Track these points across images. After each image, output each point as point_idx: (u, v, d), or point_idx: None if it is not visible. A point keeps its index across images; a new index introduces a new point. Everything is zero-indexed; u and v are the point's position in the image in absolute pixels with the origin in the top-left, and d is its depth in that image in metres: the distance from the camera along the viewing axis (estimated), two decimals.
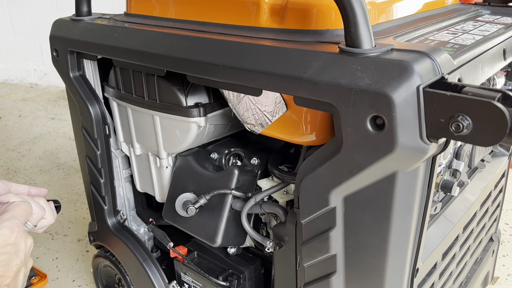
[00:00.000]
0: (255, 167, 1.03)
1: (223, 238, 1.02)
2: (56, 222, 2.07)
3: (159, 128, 1.07)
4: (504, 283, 1.62)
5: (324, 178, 0.76)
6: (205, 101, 1.02)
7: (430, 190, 0.75)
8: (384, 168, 0.69)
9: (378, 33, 0.83)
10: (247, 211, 0.99)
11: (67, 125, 3.13)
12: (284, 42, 0.79)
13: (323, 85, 0.69)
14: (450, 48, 0.77)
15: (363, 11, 0.67)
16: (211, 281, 1.08)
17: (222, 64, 0.81)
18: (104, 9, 1.28)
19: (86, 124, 1.20)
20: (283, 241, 0.94)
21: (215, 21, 0.94)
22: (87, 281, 1.66)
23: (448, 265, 1.02)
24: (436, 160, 0.73)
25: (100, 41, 1.03)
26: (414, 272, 0.82)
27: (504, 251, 1.78)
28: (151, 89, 1.03)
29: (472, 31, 0.93)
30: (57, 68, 1.20)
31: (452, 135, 0.61)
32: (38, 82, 4.16)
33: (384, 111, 0.64)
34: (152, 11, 1.06)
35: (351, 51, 0.68)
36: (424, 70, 0.64)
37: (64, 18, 1.17)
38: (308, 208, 0.81)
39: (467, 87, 0.61)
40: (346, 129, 0.69)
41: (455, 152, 0.98)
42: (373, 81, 0.64)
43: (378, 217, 0.74)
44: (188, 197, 1.03)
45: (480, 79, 0.79)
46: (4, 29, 4.10)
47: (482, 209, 1.16)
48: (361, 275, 0.82)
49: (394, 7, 0.92)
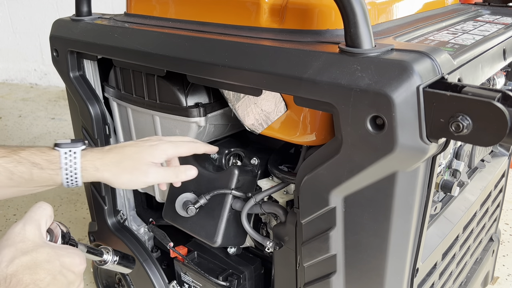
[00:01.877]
0: (255, 167, 1.03)
1: (223, 238, 1.02)
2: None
3: (159, 128, 1.07)
4: (504, 283, 1.62)
5: (324, 178, 0.76)
6: (205, 101, 1.02)
7: (430, 190, 0.75)
8: (384, 168, 0.69)
9: (378, 33, 0.83)
10: (247, 211, 0.98)
11: (67, 125, 3.13)
12: (284, 42, 0.79)
13: (323, 85, 0.69)
14: (450, 48, 0.78)
15: (363, 11, 0.67)
16: (211, 281, 1.08)
17: (222, 64, 0.81)
18: (104, 9, 1.28)
19: (86, 124, 1.20)
20: (283, 241, 0.94)
21: (215, 21, 0.94)
22: (87, 281, 1.66)
23: (448, 265, 1.02)
24: (436, 160, 0.73)
25: (100, 41, 1.03)
26: (414, 272, 0.82)
27: (504, 251, 1.78)
28: (151, 89, 1.03)
29: (472, 31, 0.93)
30: (57, 68, 1.20)
31: (452, 135, 0.61)
32: (38, 82, 4.16)
33: (384, 111, 0.64)
34: (152, 11, 1.06)
35: (351, 51, 0.68)
36: (424, 70, 0.64)
37: (64, 18, 1.17)
38: (308, 208, 0.81)
39: (467, 87, 0.61)
40: (346, 129, 0.69)
41: (455, 152, 0.98)
42: (373, 81, 0.64)
43: (378, 217, 0.74)
44: (188, 197, 1.03)
45: (480, 79, 0.79)
46: (4, 29, 4.10)
47: (482, 209, 1.16)
48: (361, 275, 0.82)
49: (394, 7, 0.92)
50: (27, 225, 0.69)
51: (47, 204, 0.75)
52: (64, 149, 0.86)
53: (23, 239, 0.67)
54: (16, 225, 0.70)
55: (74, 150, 0.86)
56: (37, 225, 0.71)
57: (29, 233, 0.69)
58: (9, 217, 2.12)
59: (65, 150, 0.86)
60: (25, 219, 0.71)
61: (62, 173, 0.86)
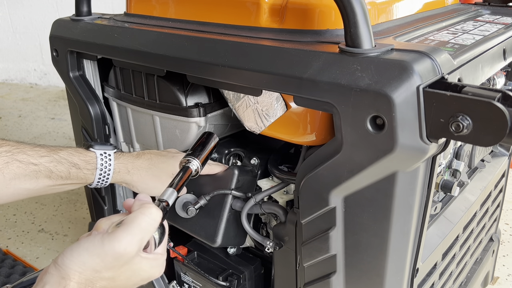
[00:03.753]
0: (255, 167, 1.03)
1: (223, 238, 1.02)
2: (56, 222, 2.08)
3: (159, 128, 1.07)
4: (504, 283, 1.62)
5: (324, 178, 0.76)
6: (205, 101, 1.02)
7: (430, 190, 0.75)
8: (384, 168, 0.69)
9: (378, 33, 0.83)
10: (247, 211, 0.98)
11: (67, 125, 3.13)
12: (284, 42, 0.79)
13: (323, 85, 0.69)
14: (450, 48, 0.77)
15: (363, 11, 0.67)
16: (211, 281, 1.08)
17: (222, 64, 0.81)
18: (104, 9, 1.28)
19: (86, 124, 1.20)
20: (283, 241, 0.94)
21: (215, 21, 0.94)
22: None
23: (448, 265, 1.02)
24: (436, 160, 0.73)
25: (100, 41, 1.03)
26: (414, 272, 0.82)
27: (504, 251, 1.78)
28: (151, 89, 1.03)
29: (472, 31, 0.93)
30: (57, 68, 1.20)
31: (452, 135, 0.61)
32: (38, 82, 4.16)
33: (384, 111, 0.64)
34: (152, 11, 1.06)
35: (351, 51, 0.68)
36: (424, 70, 0.64)
37: (64, 18, 1.17)
38: (308, 208, 0.81)
39: (467, 87, 0.61)
40: (346, 129, 0.69)
41: (455, 152, 0.98)
42: (373, 81, 0.64)
43: (378, 217, 0.74)
44: (188, 198, 1.03)
45: (480, 79, 0.79)
46: (4, 29, 4.10)
47: (482, 209, 1.16)
48: (361, 275, 0.82)
49: (394, 7, 0.92)
50: (130, 246, 0.61)
51: (157, 211, 0.66)
52: (100, 150, 0.92)
53: (119, 258, 0.61)
54: (119, 240, 0.61)
55: (109, 153, 0.93)
56: (141, 242, 0.63)
57: (130, 251, 0.61)
58: (9, 217, 2.12)
59: (100, 152, 0.92)
60: (132, 234, 0.61)
61: (97, 173, 0.91)
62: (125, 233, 0.62)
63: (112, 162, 0.92)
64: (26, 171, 0.84)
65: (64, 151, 0.90)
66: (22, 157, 0.84)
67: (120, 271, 0.63)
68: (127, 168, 0.94)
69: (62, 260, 0.62)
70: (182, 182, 0.78)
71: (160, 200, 0.71)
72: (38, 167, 0.85)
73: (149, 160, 0.96)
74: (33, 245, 1.92)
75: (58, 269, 0.61)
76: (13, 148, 0.85)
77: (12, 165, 0.83)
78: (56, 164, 0.87)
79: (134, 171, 0.94)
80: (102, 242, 0.61)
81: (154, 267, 0.67)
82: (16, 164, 0.83)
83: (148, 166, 0.95)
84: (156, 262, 0.67)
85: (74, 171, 0.89)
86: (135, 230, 0.62)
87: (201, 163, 0.84)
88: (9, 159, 0.83)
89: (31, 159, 0.85)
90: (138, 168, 0.94)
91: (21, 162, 0.84)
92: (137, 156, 0.96)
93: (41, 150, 0.87)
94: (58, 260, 0.62)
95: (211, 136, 0.91)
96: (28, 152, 0.86)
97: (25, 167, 0.84)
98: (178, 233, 1.14)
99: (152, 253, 0.67)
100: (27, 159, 0.85)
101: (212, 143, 0.90)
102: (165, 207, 0.70)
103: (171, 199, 0.72)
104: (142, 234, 0.63)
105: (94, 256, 0.61)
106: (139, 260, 0.64)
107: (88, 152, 0.92)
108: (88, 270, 0.61)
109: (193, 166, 0.83)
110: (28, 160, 0.85)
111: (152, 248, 0.67)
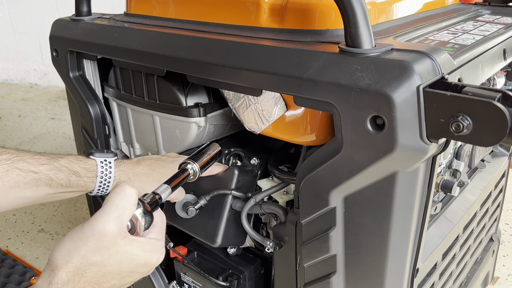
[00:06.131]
0: (255, 167, 1.03)
1: (223, 238, 1.02)
2: (56, 222, 2.07)
3: (159, 128, 1.07)
4: (504, 283, 1.62)
5: (324, 178, 0.76)
6: (205, 101, 1.02)
7: (430, 190, 0.75)
8: (384, 168, 0.69)
9: (378, 33, 0.83)
10: (247, 211, 0.98)
11: (67, 125, 3.13)
12: (284, 42, 0.79)
13: (323, 85, 0.69)
14: (450, 48, 0.77)
15: (363, 11, 0.67)
16: (211, 281, 1.08)
17: (222, 64, 0.81)
18: (104, 9, 1.28)
19: (86, 124, 1.20)
20: (283, 241, 0.94)
21: (215, 21, 0.94)
22: None
23: (448, 265, 1.02)
24: (436, 160, 0.73)
25: (100, 41, 1.03)
26: (414, 272, 0.82)
27: (504, 251, 1.78)
28: (151, 89, 1.03)
29: (472, 31, 0.93)
30: (57, 68, 1.20)
31: (452, 135, 0.61)
32: (38, 82, 4.16)
33: (384, 111, 0.64)
34: (152, 11, 1.06)
35: (351, 51, 0.68)
36: (424, 70, 0.64)
37: (64, 18, 1.17)
38: (308, 208, 0.81)
39: (467, 87, 0.61)
40: (346, 129, 0.69)
41: (455, 152, 0.98)
42: (373, 81, 0.64)
43: (378, 217, 0.74)
44: (188, 198, 1.03)
45: (480, 79, 0.79)
46: (4, 29, 4.10)
47: (482, 209, 1.16)
48: (361, 275, 0.82)
49: (394, 7, 0.92)
50: (108, 223, 0.63)
51: (131, 189, 0.67)
52: (100, 158, 0.91)
53: (100, 237, 0.62)
54: (97, 220, 0.63)
55: (109, 160, 0.92)
56: (119, 220, 0.64)
57: (108, 229, 0.62)
58: (9, 217, 2.12)
59: (100, 159, 0.91)
60: (107, 212, 0.63)
61: (97, 181, 0.91)
62: (102, 212, 0.64)
63: (112, 170, 0.92)
64: (26, 179, 0.84)
65: (64, 158, 0.89)
66: (22, 165, 0.84)
67: (108, 254, 0.63)
68: (128, 175, 0.93)
69: (51, 254, 0.64)
70: (177, 181, 0.79)
71: (154, 193, 0.72)
72: (38, 175, 0.85)
73: (149, 166, 0.95)
74: (33, 245, 1.92)
75: (49, 264, 0.63)
76: (13, 156, 0.84)
77: (12, 173, 0.82)
78: (56, 172, 0.86)
79: (135, 178, 0.94)
80: (82, 226, 0.64)
81: (147, 251, 0.67)
82: (16, 172, 0.83)
83: (148, 172, 0.95)
84: (149, 246, 0.67)
85: (75, 179, 0.88)
86: (110, 207, 0.64)
87: (200, 167, 0.85)
88: (9, 167, 0.82)
89: (31, 167, 0.85)
90: (139, 175, 0.94)
91: (21, 170, 0.83)
92: (137, 162, 0.96)
93: (41, 158, 0.87)
94: (49, 256, 0.64)
95: (213, 144, 0.92)
96: (28, 160, 0.85)
97: (25, 175, 0.84)
98: (178, 233, 1.14)
99: (143, 236, 0.68)
100: (27, 167, 0.84)
101: (213, 151, 0.91)
102: (157, 199, 0.71)
103: (164, 193, 0.74)
104: (118, 211, 0.64)
105: (77, 240, 0.63)
106: (128, 242, 0.65)
107: (88, 159, 0.91)
108: (74, 256, 0.62)
109: (190, 168, 0.84)
110: (28, 168, 0.84)
111: (140, 230, 0.67)
